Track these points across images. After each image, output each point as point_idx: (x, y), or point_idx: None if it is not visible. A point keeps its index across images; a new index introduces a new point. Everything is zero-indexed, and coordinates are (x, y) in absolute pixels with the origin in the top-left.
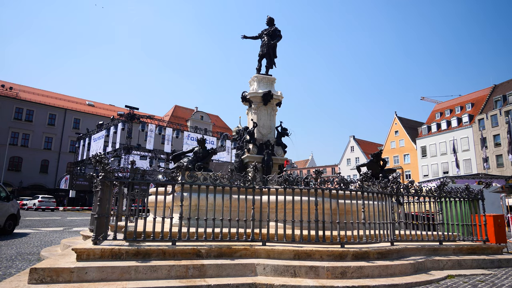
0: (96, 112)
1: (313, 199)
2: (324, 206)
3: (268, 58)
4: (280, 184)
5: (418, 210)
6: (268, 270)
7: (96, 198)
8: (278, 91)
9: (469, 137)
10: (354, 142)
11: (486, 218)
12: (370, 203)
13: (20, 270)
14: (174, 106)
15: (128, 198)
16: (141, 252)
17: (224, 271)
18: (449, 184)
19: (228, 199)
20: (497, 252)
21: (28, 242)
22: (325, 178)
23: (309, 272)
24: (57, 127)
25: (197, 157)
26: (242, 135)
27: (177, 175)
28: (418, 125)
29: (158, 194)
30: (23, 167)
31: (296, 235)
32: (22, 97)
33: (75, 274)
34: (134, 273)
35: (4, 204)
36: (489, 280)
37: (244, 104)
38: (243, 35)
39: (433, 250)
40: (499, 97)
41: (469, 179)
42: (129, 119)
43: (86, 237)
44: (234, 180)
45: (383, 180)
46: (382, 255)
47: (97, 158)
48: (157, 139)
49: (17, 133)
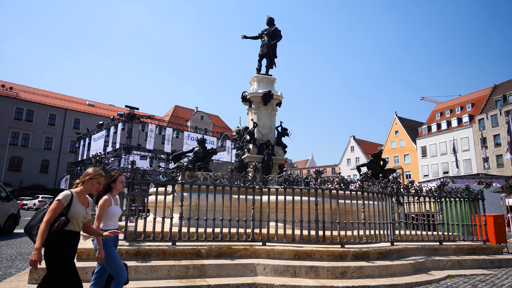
0: (96, 112)
1: (313, 199)
2: (324, 206)
3: (268, 58)
4: (280, 184)
5: (418, 210)
6: (268, 270)
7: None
8: (278, 91)
9: (469, 137)
10: (354, 142)
11: (486, 218)
12: (370, 203)
13: (20, 270)
14: (174, 106)
15: (128, 198)
16: (141, 252)
17: (224, 271)
18: (449, 184)
19: (228, 199)
20: (497, 252)
21: (28, 242)
22: (325, 178)
23: (309, 272)
24: (57, 127)
25: (197, 157)
26: (242, 135)
27: (177, 175)
28: (418, 125)
29: (158, 194)
30: (23, 167)
31: (296, 235)
32: (22, 97)
33: None
34: (134, 273)
35: (4, 204)
36: (489, 280)
37: (244, 104)
38: (243, 35)
39: (433, 250)
40: (499, 97)
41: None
42: (129, 119)
43: (86, 237)
44: (234, 180)
45: (383, 180)
46: (382, 255)
47: (97, 158)
48: (157, 139)
49: (17, 133)
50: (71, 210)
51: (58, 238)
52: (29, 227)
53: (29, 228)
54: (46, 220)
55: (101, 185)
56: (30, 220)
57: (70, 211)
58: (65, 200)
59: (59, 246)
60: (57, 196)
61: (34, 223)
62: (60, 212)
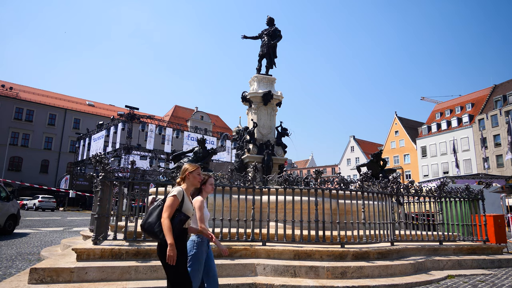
0: (96, 112)
1: (313, 199)
2: (324, 206)
3: (268, 58)
4: (280, 184)
5: (418, 210)
6: (268, 270)
7: (96, 198)
8: (278, 91)
9: (469, 137)
10: (354, 142)
11: (486, 218)
12: (370, 203)
13: (20, 270)
14: (174, 106)
15: (128, 198)
16: (141, 252)
17: (224, 271)
18: (449, 184)
19: (228, 199)
20: (497, 252)
21: (28, 242)
22: (325, 178)
23: (309, 272)
24: (57, 127)
25: (197, 157)
26: (242, 135)
27: (177, 175)
28: (418, 125)
29: (158, 194)
30: (23, 167)
31: (296, 235)
32: (22, 97)
33: (75, 274)
34: (134, 273)
35: (4, 204)
36: (489, 280)
37: (244, 104)
38: (243, 35)
39: (433, 250)
40: (499, 97)
41: (469, 179)
42: (129, 119)
43: (86, 237)
44: (234, 180)
45: (383, 180)
46: (382, 255)
47: (97, 158)
48: (157, 139)
49: (17, 133)
50: (184, 205)
51: (178, 234)
52: (150, 225)
53: (149, 226)
54: (167, 216)
55: (201, 176)
56: (146, 217)
57: (184, 206)
58: (180, 196)
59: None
60: (172, 192)
61: (154, 220)
62: (176, 208)
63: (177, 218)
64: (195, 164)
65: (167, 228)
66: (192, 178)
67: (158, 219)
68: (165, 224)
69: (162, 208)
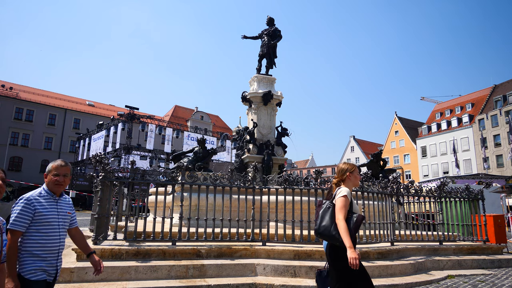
0: (96, 112)
1: (313, 199)
2: None
3: (268, 58)
4: (280, 184)
5: (418, 210)
6: (268, 270)
7: (96, 198)
8: (278, 91)
9: (469, 137)
10: (354, 142)
11: (486, 218)
12: (370, 203)
13: None
14: (174, 106)
15: (128, 198)
16: (141, 252)
17: (224, 271)
18: (449, 184)
19: (228, 199)
20: (497, 252)
21: None
22: (325, 178)
23: (309, 272)
24: (57, 127)
25: (197, 157)
26: (242, 135)
27: (177, 175)
28: (418, 125)
29: (158, 194)
30: (23, 167)
31: (296, 235)
32: (22, 97)
33: (75, 274)
34: (134, 273)
35: (4, 204)
36: (489, 280)
37: (244, 104)
38: (243, 35)
39: (433, 250)
40: (499, 97)
41: (469, 179)
42: (129, 119)
43: (86, 237)
44: (234, 180)
45: (383, 180)
46: (382, 255)
47: (97, 158)
48: (157, 139)
49: (17, 133)
50: (353, 205)
51: (354, 235)
52: (325, 228)
53: (325, 229)
54: (342, 217)
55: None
56: (319, 221)
57: (353, 207)
58: (349, 196)
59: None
60: (341, 193)
61: (328, 223)
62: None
63: (352, 219)
64: (353, 163)
65: (343, 230)
66: (354, 178)
67: (333, 222)
68: (342, 226)
69: (333, 210)
